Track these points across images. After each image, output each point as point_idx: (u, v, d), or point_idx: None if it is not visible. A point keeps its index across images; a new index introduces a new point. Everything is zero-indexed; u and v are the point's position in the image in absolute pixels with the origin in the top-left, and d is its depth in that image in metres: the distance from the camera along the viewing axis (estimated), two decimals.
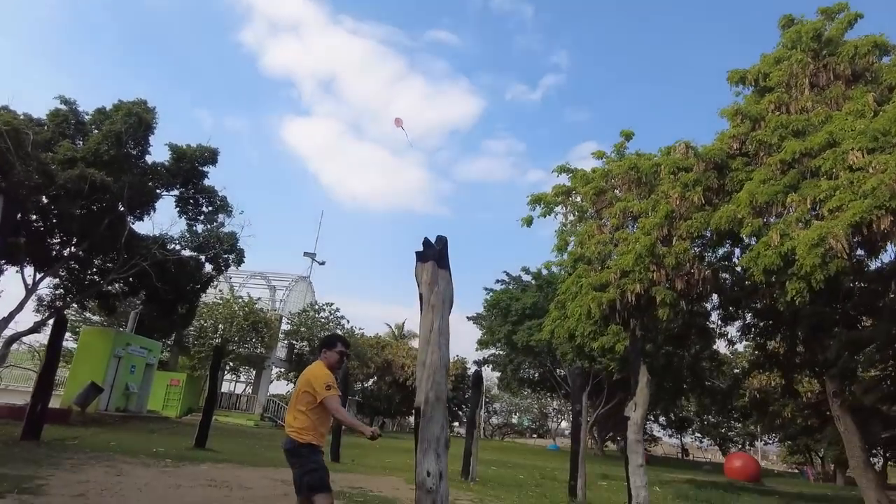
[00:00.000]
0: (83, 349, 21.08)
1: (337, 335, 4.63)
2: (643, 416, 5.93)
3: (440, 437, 3.40)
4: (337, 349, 4.34)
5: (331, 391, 3.98)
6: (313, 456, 4.01)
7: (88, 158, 17.23)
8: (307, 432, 4.01)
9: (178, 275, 18.86)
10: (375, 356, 41.48)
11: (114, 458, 8.98)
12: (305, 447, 3.99)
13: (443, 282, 3.68)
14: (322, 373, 4.10)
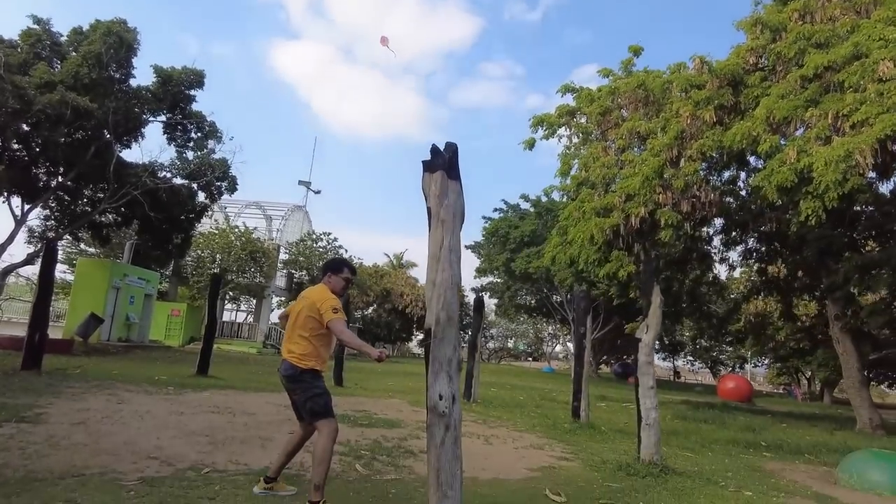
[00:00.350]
0: (80, 281, 20.95)
1: (343, 259, 4.32)
2: (655, 337, 5.76)
3: (452, 358, 3.16)
4: (343, 275, 4.08)
5: (338, 315, 3.75)
6: (316, 381, 3.84)
7: (68, 82, 16.37)
8: (309, 358, 3.81)
9: (170, 203, 18.42)
10: (374, 285, 41.75)
11: (115, 386, 8.93)
12: (308, 373, 3.81)
13: (453, 194, 3.32)
14: (328, 296, 3.87)
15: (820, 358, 28.59)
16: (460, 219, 3.37)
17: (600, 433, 8.51)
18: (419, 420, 8.18)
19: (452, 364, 3.17)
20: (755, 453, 8.20)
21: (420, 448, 5.95)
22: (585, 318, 8.84)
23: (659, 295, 5.82)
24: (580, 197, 16.47)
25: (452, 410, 3.13)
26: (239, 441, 5.59)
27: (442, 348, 3.15)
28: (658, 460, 5.80)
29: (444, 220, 3.27)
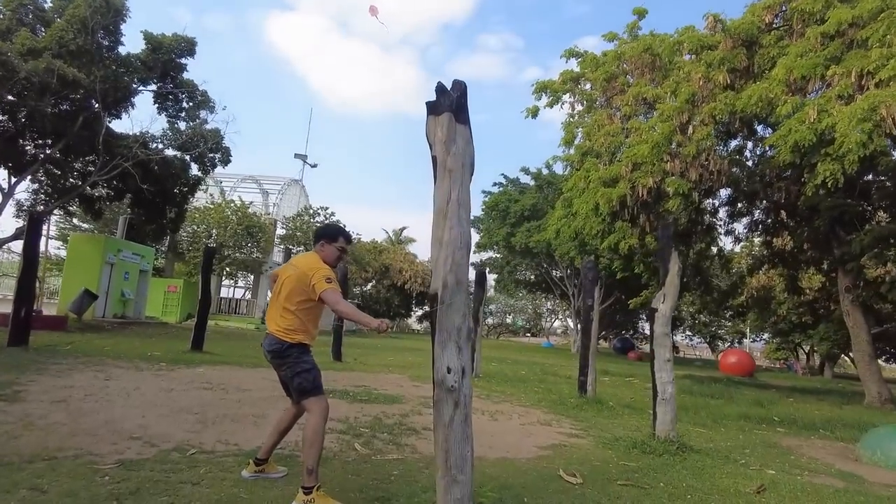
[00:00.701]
0: (73, 256, 20.53)
1: (339, 227, 3.88)
2: (672, 307, 5.40)
3: (461, 327, 2.78)
4: (338, 244, 3.64)
5: (332, 285, 3.37)
6: (304, 356, 3.47)
7: (53, 49, 15.73)
8: (296, 332, 3.44)
9: (162, 176, 17.92)
10: (373, 260, 41.38)
11: (105, 362, 8.60)
12: (295, 347, 3.43)
13: (461, 140, 2.90)
14: (320, 265, 3.47)
15: (822, 332, 28.43)
16: (470, 169, 2.96)
17: (608, 408, 8.21)
18: (421, 396, 7.87)
19: (462, 333, 2.79)
20: (768, 429, 7.91)
21: (423, 425, 5.63)
22: (593, 290, 8.47)
23: (677, 262, 5.44)
24: (585, 166, 16.00)
25: (462, 385, 2.76)
26: (230, 419, 5.26)
27: (450, 316, 2.77)
28: (674, 437, 5.49)
29: (451, 170, 2.86)
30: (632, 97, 14.48)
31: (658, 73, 14.74)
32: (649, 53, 14.71)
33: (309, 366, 3.46)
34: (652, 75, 14.87)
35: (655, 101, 14.12)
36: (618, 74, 15.67)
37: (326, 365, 11.22)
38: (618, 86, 15.78)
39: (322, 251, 3.60)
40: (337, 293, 3.38)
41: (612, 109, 15.85)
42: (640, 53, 14.93)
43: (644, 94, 14.18)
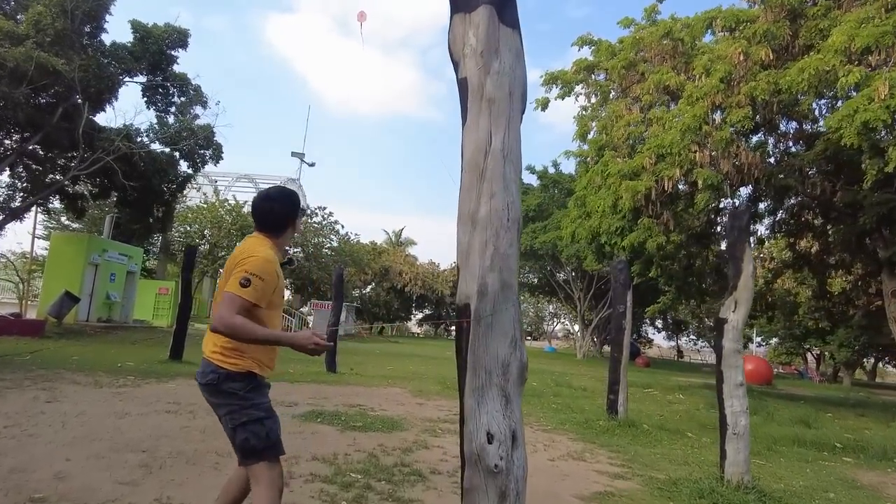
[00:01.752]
0: (55, 257, 19.43)
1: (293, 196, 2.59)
2: (745, 317, 4.27)
3: (511, 361, 1.65)
4: (300, 222, 2.62)
5: (246, 290, 2.16)
6: (252, 396, 2.30)
7: (31, 35, 14.63)
8: (237, 353, 2.27)
9: (148, 171, 16.78)
10: (373, 262, 40.27)
11: (61, 376, 7.46)
12: (236, 379, 2.27)
13: (509, 52, 1.82)
14: (257, 254, 2.27)
15: (840, 338, 27.30)
16: (521, 101, 1.84)
17: (643, 433, 7.07)
18: (426, 418, 6.74)
19: (511, 373, 1.67)
20: (833, 458, 6.77)
21: (431, 466, 4.50)
22: (625, 295, 7.32)
23: (752, 261, 4.32)
24: (603, 160, 14.87)
25: (512, 464, 1.64)
26: (186, 459, 4.12)
27: (491, 343, 1.65)
28: (749, 481, 4.34)
29: (491, 100, 1.76)
30: (653, 85, 13.37)
31: (680, 59, 13.63)
32: (670, 38, 13.62)
33: (260, 413, 2.31)
34: (673, 62, 13.77)
35: (679, 90, 13.02)
36: (636, 62, 14.57)
37: (319, 377, 10.08)
38: (636, 74, 14.68)
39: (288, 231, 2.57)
40: (237, 303, 2.15)
41: (630, 99, 14.75)
42: (659, 39, 13.84)
43: (666, 82, 13.08)
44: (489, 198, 1.68)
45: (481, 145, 1.71)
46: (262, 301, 2.22)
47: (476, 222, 1.68)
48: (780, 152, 15.62)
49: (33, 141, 15.70)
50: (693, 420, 8.91)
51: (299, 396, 7.64)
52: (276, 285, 2.31)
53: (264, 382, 2.41)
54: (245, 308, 2.16)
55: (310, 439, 5.10)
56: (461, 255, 1.74)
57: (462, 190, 1.74)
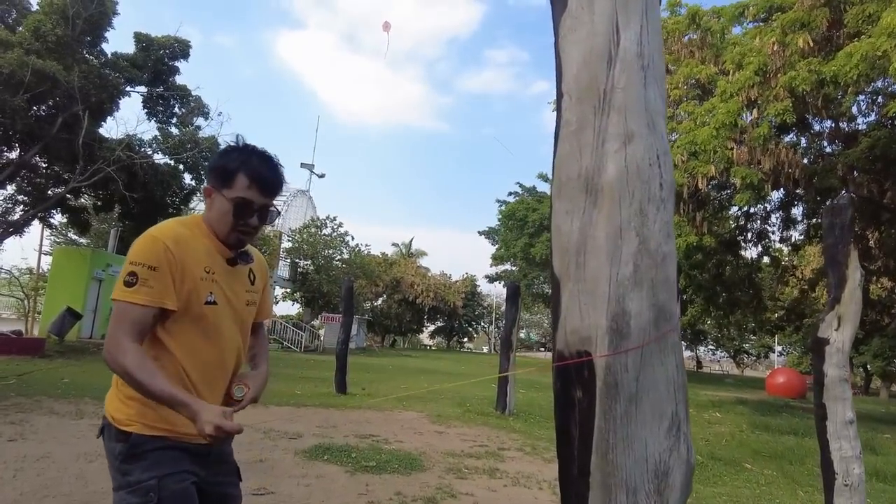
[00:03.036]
0: (57, 272, 18.89)
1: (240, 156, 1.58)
2: (852, 337, 3.40)
3: (671, 465, 0.87)
4: (233, 192, 1.53)
5: (130, 292, 1.41)
6: (129, 468, 1.45)
7: (30, 45, 14.14)
8: (122, 396, 1.50)
9: (151, 183, 16.17)
10: (384, 273, 39.54)
11: (41, 405, 6.70)
12: (117, 438, 1.48)
13: None
14: (155, 237, 1.48)
15: (875, 347, 26.06)
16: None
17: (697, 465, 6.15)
18: (448, 451, 5.89)
19: (672, 486, 0.84)
20: None
21: None
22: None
23: (859, 268, 3.47)
24: None
25: None
26: None
27: (636, 429, 0.83)
28: None
29: None
30: (682, 79, 12.57)
31: (709, 51, 12.81)
32: (698, 29, 12.81)
33: (133, 500, 1.42)
34: (701, 54, 12.95)
35: (710, 83, 12.19)
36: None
37: (328, 400, 9.25)
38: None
39: (207, 208, 1.60)
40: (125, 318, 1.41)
41: None
42: (686, 28, 13.03)
43: (696, 75, 12.26)
44: (622, 143, 0.90)
45: (599, 48, 0.93)
46: (164, 300, 1.42)
47: (598, 192, 0.89)
48: (814, 152, 14.73)
49: (33, 152, 15.16)
50: (744, 446, 7.99)
51: (305, 425, 6.82)
52: (182, 273, 1.46)
53: (160, 445, 1.47)
54: (140, 324, 1.39)
55: (314, 486, 4.28)
56: (564, 257, 0.94)
57: (564, 136, 0.95)
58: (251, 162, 1.54)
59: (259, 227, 1.57)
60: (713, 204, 12.29)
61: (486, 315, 61.00)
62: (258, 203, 1.53)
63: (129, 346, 1.36)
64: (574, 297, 0.95)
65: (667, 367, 0.92)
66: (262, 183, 1.52)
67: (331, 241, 33.35)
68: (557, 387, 0.98)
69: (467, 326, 57.27)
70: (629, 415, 0.87)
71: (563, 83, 1.02)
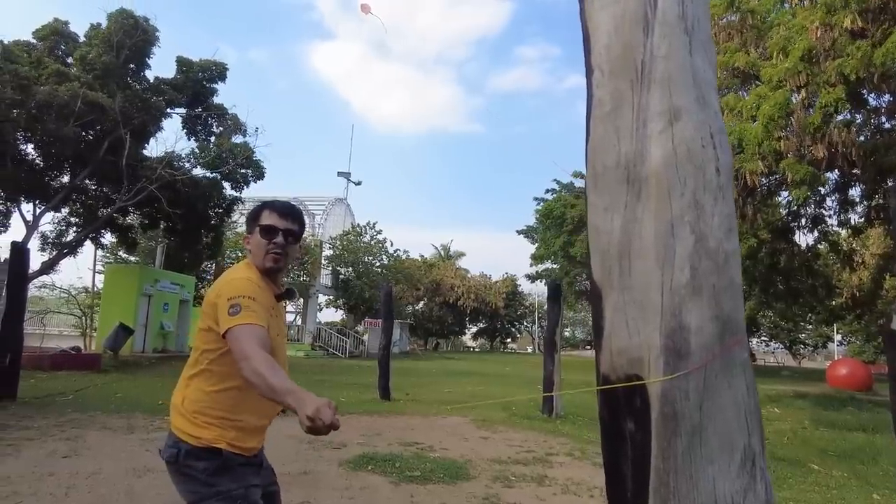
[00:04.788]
0: (109, 289, 19.60)
1: (261, 204, 1.98)
2: None
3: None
4: (260, 222, 1.87)
5: (241, 316, 1.60)
6: (217, 481, 1.68)
7: (79, 76, 14.77)
8: (202, 419, 1.71)
9: (192, 197, 16.58)
10: (423, 276, 39.59)
11: (95, 421, 6.88)
12: (200, 456, 1.69)
13: None
14: (233, 278, 1.77)
15: None
16: None
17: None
18: (494, 459, 5.74)
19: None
20: None
21: None
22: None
23: None
24: None
25: None
26: None
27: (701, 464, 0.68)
28: None
29: None
30: (720, 68, 12.06)
31: (751, 33, 12.26)
32: (737, 10, 12.28)
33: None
34: (742, 38, 12.40)
35: (752, 70, 11.65)
36: None
37: (371, 407, 9.23)
38: None
39: (249, 253, 1.92)
40: (250, 332, 1.58)
41: None
42: (723, 12, 12.50)
43: (735, 63, 11.74)
44: (667, 122, 0.76)
45: (633, 12, 0.78)
46: (264, 322, 1.68)
47: (641, 182, 0.75)
48: (871, 129, 13.94)
49: (83, 175, 15.77)
50: (808, 445, 7.55)
51: (349, 433, 6.78)
52: (265, 307, 1.74)
53: (242, 461, 1.75)
54: (258, 338, 1.59)
55: (358, 499, 4.21)
56: (604, 261, 0.79)
57: (597, 118, 0.81)
58: (270, 202, 1.94)
59: (285, 246, 1.84)
60: (761, 191, 11.73)
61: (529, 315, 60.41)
62: (280, 226, 1.84)
63: (259, 351, 1.54)
64: (619, 309, 0.80)
65: (735, 389, 0.76)
66: (280, 210, 1.87)
67: (370, 248, 33.60)
68: (604, 416, 0.83)
69: (510, 327, 56.83)
70: (692, 451, 0.72)
71: (593, 56, 0.87)
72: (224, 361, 1.70)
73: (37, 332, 23.98)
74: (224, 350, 1.67)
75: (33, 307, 23.36)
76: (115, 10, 15.60)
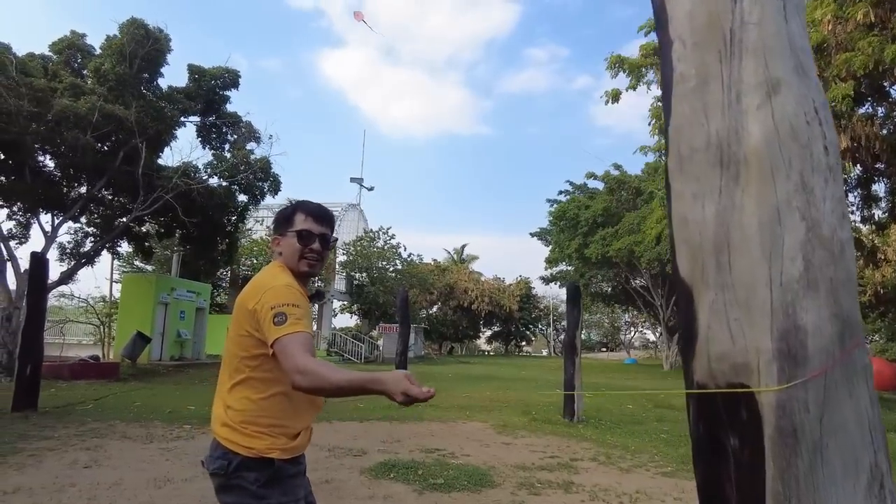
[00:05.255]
0: (126, 298, 19.76)
1: (293, 204, 1.95)
2: None
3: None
4: (294, 228, 1.82)
5: (289, 325, 1.56)
6: (268, 493, 1.64)
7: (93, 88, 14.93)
8: (252, 429, 1.66)
9: (207, 206, 16.66)
10: (437, 280, 39.50)
11: (114, 429, 6.87)
12: (250, 468, 1.65)
13: None
14: (270, 285, 1.69)
15: None
16: None
17: None
18: (518, 465, 5.63)
19: None
20: None
21: None
22: None
23: None
24: None
25: None
26: None
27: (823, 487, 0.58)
28: None
29: None
30: None
31: None
32: None
33: None
34: None
35: None
36: None
37: (391, 412, 9.13)
38: None
39: (280, 256, 1.84)
40: (299, 342, 1.55)
41: None
42: None
43: None
44: (765, 95, 0.66)
45: None
46: (310, 328, 1.67)
47: (739, 164, 0.65)
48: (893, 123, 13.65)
49: (99, 185, 15.92)
50: None
51: (369, 441, 6.71)
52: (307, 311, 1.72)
53: (291, 472, 1.71)
54: (306, 345, 1.56)
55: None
56: (696, 256, 0.70)
57: (680, 95, 0.72)
58: (303, 204, 1.87)
59: (322, 252, 1.81)
60: None
61: (544, 317, 60.05)
62: (317, 231, 1.80)
63: (311, 360, 1.52)
64: (718, 309, 0.71)
65: (857, 399, 0.67)
66: (316, 214, 1.83)
67: (383, 253, 33.62)
68: (699, 430, 0.74)
69: (524, 330, 56.55)
70: (814, 471, 0.62)
71: (672, 26, 0.79)
72: (268, 367, 1.67)
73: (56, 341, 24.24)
74: (265, 356, 1.64)
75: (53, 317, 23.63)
76: (126, 21, 15.65)
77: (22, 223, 15.77)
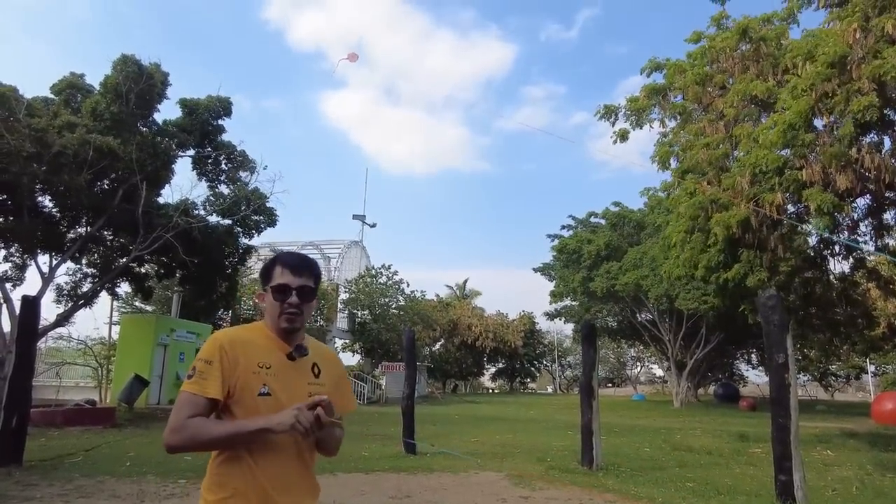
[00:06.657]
0: (124, 339, 19.35)
1: (274, 256, 1.86)
2: None
3: None
4: (272, 282, 1.73)
5: (185, 383, 1.57)
6: None
7: (88, 125, 14.81)
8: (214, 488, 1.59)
9: (207, 245, 16.39)
10: (440, 317, 38.97)
11: (103, 487, 6.41)
12: None
13: None
14: (210, 339, 1.67)
15: None
16: None
17: None
18: None
19: None
20: None
21: None
22: (783, 338, 5.57)
23: None
24: (683, 187, 13.29)
25: None
26: None
27: None
28: None
29: None
30: (737, 97, 11.79)
31: (766, 62, 11.99)
32: (749, 40, 12.05)
33: None
34: (758, 68, 12.14)
35: (769, 97, 11.36)
36: (712, 74, 13.03)
37: (397, 463, 8.63)
38: (716, 86, 13.10)
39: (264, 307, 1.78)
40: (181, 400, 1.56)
41: (712, 115, 13.14)
42: (736, 42, 12.26)
43: (752, 91, 11.47)
44: None
45: None
46: (212, 391, 1.55)
47: None
48: None
49: (98, 225, 15.68)
50: (884, 497, 6.84)
51: (377, 496, 6.24)
52: (233, 367, 1.59)
53: None
54: (193, 408, 1.53)
55: None
56: None
57: None
58: (281, 256, 1.79)
59: (300, 305, 1.70)
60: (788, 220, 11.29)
61: (548, 353, 59.20)
62: (294, 284, 1.70)
63: (184, 421, 1.51)
64: None
65: None
66: (292, 265, 1.74)
67: (386, 290, 33.25)
68: None
69: (529, 366, 55.71)
70: None
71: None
72: None
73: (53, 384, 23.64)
74: None
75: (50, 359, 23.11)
76: (118, 58, 15.47)
77: (18, 265, 15.47)
